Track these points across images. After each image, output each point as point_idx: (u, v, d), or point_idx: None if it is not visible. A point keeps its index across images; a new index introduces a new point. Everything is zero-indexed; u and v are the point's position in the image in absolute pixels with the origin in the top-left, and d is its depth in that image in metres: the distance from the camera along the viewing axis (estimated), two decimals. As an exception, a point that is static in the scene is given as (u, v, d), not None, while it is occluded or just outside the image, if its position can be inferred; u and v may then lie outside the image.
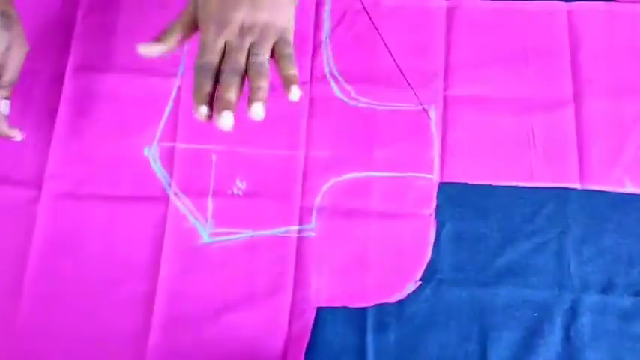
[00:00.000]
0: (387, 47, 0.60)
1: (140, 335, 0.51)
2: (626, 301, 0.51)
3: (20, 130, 0.52)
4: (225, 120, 0.43)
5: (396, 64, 0.59)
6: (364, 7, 0.61)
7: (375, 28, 0.60)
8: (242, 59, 0.46)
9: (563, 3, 0.60)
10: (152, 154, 0.56)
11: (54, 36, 0.60)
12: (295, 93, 0.45)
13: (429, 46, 0.60)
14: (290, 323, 0.51)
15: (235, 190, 0.55)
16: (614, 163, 0.55)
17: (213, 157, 0.56)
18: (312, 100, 0.58)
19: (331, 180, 0.55)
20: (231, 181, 0.55)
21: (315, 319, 0.51)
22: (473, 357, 0.50)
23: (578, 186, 0.55)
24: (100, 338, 0.51)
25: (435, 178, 0.55)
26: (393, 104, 0.58)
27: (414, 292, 0.52)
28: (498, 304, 0.51)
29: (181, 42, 0.48)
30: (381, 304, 0.51)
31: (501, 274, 0.52)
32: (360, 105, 0.58)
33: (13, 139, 0.52)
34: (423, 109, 0.57)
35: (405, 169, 0.56)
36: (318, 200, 0.55)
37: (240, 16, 0.47)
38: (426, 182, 0.55)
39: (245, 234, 0.54)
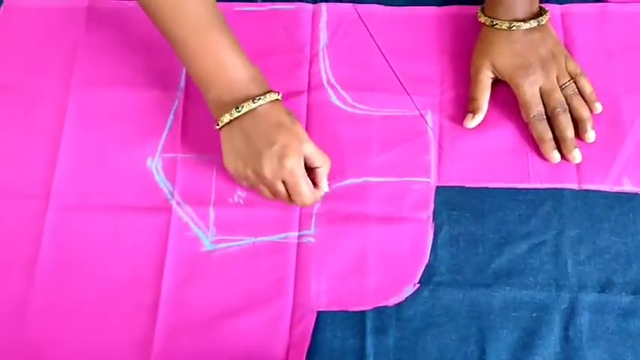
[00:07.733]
0: (382, 54, 0.61)
1: (144, 344, 0.52)
2: (625, 300, 0.51)
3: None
4: (579, 156, 0.54)
5: (393, 70, 0.60)
6: (360, 16, 0.62)
7: (371, 36, 0.61)
8: (561, 96, 0.55)
9: (557, 6, 0.61)
10: (155, 165, 0.57)
11: (58, 53, 0.62)
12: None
13: (424, 52, 0.60)
14: (291, 328, 0.52)
15: (236, 199, 0.56)
16: (612, 162, 0.55)
17: (214, 167, 0.57)
18: (309, 108, 0.59)
19: (330, 186, 0.56)
20: (231, 190, 0.56)
21: (316, 324, 0.52)
22: (472, 358, 0.50)
23: (575, 186, 0.55)
24: (105, 347, 0.52)
25: (432, 181, 0.56)
26: (390, 110, 0.59)
27: (412, 294, 0.52)
28: (496, 306, 0.51)
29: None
30: (379, 308, 0.52)
31: (499, 276, 0.52)
32: (357, 112, 0.59)
33: None
34: (421, 114, 0.58)
35: (403, 173, 0.56)
36: (317, 206, 0.55)
37: (539, 55, 0.54)
38: (423, 186, 0.56)
39: (246, 241, 0.55)
